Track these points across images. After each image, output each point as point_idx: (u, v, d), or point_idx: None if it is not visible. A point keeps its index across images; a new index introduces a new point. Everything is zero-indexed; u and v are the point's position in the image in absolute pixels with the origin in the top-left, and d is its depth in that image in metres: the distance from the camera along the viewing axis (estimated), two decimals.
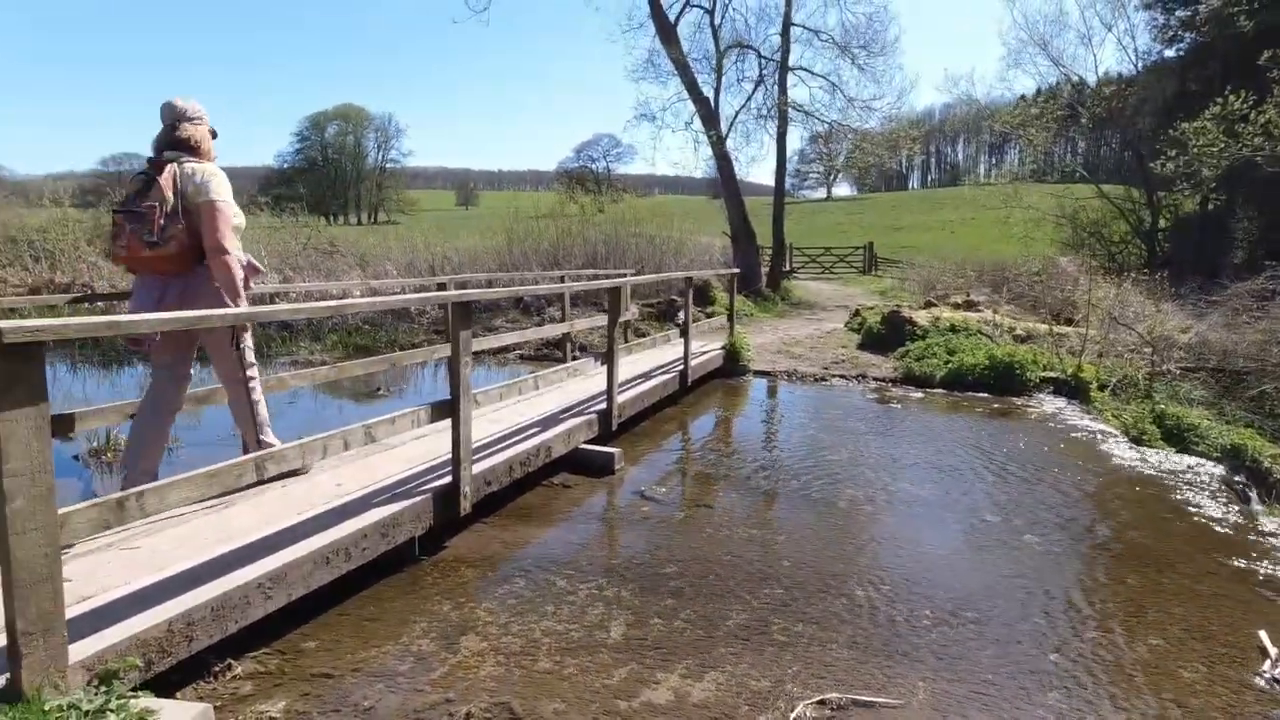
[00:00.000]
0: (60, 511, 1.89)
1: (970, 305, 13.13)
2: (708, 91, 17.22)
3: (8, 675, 1.85)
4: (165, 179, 3.15)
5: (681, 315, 11.24)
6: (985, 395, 7.66)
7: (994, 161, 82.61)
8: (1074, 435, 6.18)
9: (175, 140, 3.27)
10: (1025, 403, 7.39)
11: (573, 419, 4.92)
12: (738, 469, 5.10)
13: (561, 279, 8.88)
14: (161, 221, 3.09)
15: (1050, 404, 7.34)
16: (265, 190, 36.55)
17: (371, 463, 3.87)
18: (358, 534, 3.00)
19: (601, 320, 8.27)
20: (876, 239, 30.47)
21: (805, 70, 17.92)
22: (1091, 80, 22.77)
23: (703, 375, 7.70)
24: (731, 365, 8.38)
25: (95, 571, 2.55)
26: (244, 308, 3.22)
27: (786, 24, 17.24)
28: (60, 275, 11.62)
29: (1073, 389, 7.63)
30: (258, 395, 3.53)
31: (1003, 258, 19.04)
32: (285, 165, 69.91)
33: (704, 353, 7.95)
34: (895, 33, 25.87)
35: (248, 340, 3.50)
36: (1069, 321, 10.91)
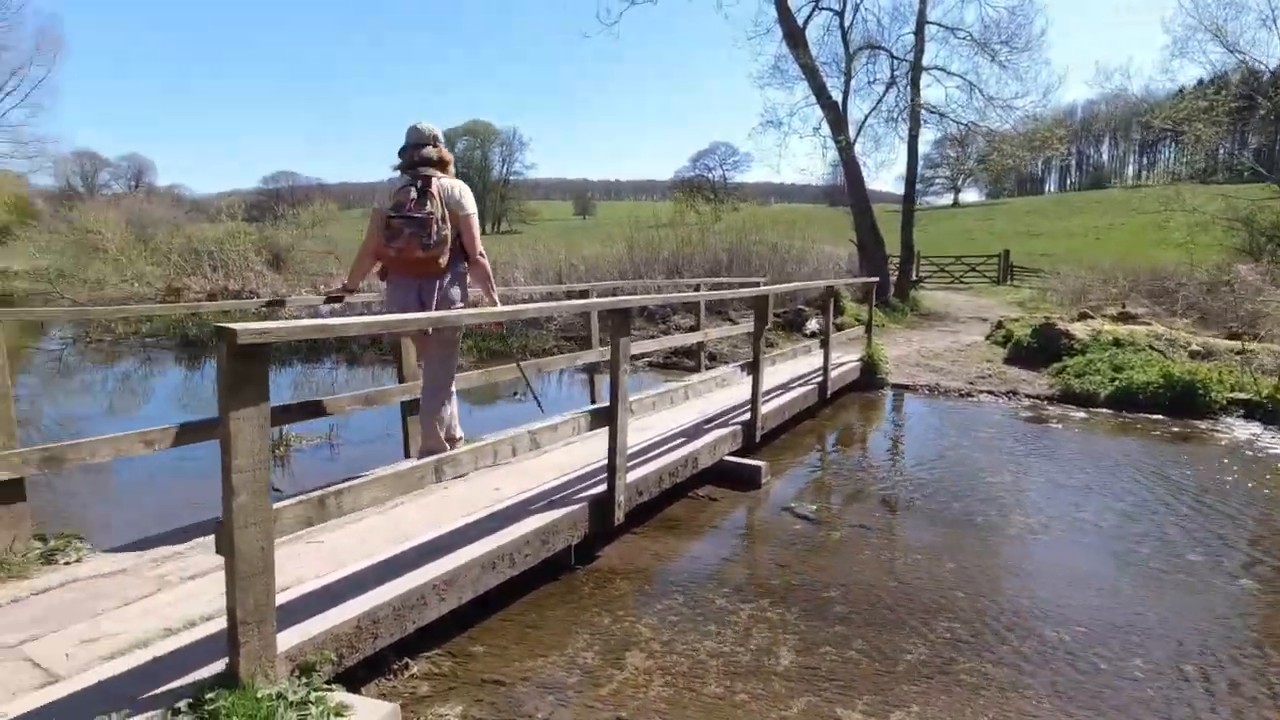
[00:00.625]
0: (274, 507, 1.96)
1: (1128, 318, 11.96)
2: (836, 95, 16.67)
3: (226, 661, 1.94)
4: (435, 191, 3.52)
5: (816, 324, 10.98)
6: (1160, 417, 6.91)
7: (1146, 162, 75.73)
8: (1279, 466, 5.43)
9: (430, 159, 3.62)
10: (1211, 427, 6.60)
11: (717, 430, 4.80)
12: (889, 487, 4.81)
13: (697, 288, 8.82)
14: (434, 228, 3.48)
15: (1242, 429, 6.52)
16: None
17: (525, 467, 3.91)
18: (520, 540, 3.00)
19: (730, 330, 8.13)
20: (1010, 246, 28.48)
21: (940, 69, 16.99)
22: (1273, 66, 20.32)
23: (840, 388, 7.39)
24: (869, 378, 8.01)
25: (285, 565, 2.66)
26: (498, 303, 3.79)
27: (921, 22, 16.44)
28: (232, 283, 12.77)
29: (1269, 413, 6.75)
30: (452, 389, 3.86)
31: (1160, 265, 17.30)
32: None
33: (841, 364, 7.63)
34: (1041, 25, 24.18)
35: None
36: (1255, 337, 9.72)
